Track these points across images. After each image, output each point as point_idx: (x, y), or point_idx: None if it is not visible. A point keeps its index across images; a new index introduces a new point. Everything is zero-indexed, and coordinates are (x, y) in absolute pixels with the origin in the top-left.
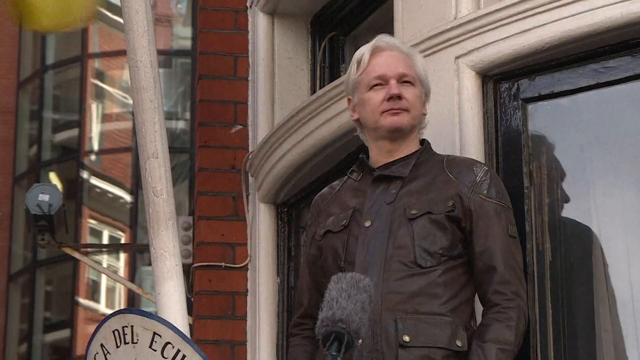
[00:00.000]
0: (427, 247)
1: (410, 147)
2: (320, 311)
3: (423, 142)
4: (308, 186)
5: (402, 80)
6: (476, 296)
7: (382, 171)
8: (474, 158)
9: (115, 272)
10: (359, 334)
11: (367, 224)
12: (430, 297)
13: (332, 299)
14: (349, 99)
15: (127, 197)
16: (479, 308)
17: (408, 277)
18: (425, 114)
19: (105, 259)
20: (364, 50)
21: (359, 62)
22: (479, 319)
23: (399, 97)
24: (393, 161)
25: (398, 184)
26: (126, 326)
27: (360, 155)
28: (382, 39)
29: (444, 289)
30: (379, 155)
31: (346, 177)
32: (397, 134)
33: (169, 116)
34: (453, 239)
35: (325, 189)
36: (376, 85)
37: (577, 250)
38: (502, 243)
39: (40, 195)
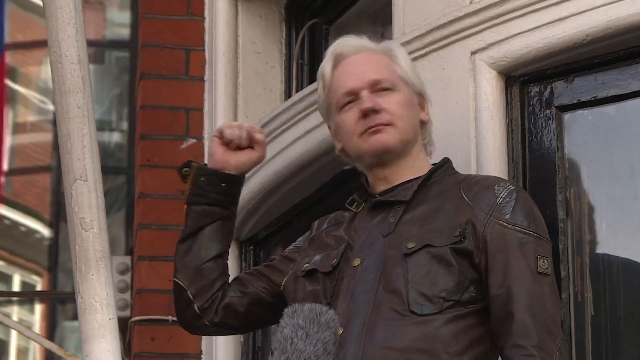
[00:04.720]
0: (424, 290)
1: (413, 168)
2: (271, 356)
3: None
4: (280, 218)
5: (377, 88)
6: None
7: (382, 197)
8: (500, 177)
9: (29, 327)
10: None
11: (356, 262)
12: (425, 354)
13: (286, 339)
14: (328, 126)
15: (45, 232)
16: None
17: (399, 328)
18: (425, 121)
19: (15, 311)
20: (325, 63)
21: (323, 80)
22: None
23: (375, 110)
24: (397, 185)
25: (398, 211)
26: None
27: (360, 180)
28: (343, 42)
29: (445, 343)
30: (377, 184)
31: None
32: (387, 156)
33: (101, 126)
34: (461, 279)
35: (335, 213)
36: (347, 103)
37: (627, 300)
38: (525, 282)
39: None
